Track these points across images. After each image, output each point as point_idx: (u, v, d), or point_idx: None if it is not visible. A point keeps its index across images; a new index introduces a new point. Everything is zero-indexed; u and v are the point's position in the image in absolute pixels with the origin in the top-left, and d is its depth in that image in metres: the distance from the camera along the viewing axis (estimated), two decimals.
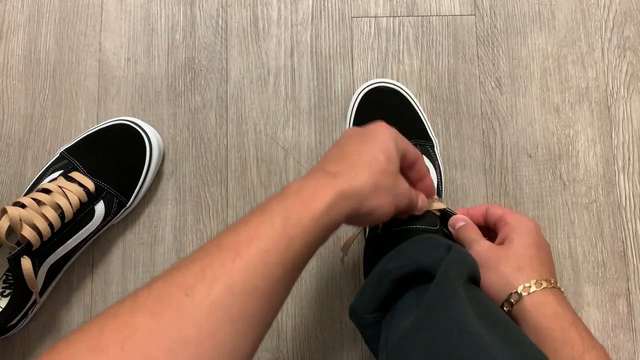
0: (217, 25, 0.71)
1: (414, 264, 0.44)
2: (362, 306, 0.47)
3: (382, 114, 0.63)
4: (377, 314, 0.46)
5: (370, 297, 0.46)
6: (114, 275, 0.66)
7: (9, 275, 0.61)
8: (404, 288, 0.45)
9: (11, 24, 0.71)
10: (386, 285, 0.45)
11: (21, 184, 0.67)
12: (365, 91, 0.65)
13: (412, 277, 0.44)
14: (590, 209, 0.67)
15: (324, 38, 0.71)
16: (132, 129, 0.64)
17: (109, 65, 0.70)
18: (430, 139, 0.65)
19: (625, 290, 0.65)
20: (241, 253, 0.33)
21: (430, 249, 0.46)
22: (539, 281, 0.45)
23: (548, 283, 0.45)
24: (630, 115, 0.69)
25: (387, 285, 0.45)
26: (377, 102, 0.65)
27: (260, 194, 0.67)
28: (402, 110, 0.65)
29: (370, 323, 0.46)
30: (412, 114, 0.66)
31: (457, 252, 0.45)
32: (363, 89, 0.66)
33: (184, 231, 0.67)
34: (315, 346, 0.64)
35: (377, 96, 0.65)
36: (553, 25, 0.71)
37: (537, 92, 0.70)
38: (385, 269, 0.46)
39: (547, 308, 0.44)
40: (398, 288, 0.45)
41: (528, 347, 0.39)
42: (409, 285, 0.45)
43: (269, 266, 0.34)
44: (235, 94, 0.70)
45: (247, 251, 0.34)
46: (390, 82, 0.66)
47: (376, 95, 0.65)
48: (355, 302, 0.48)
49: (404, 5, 0.71)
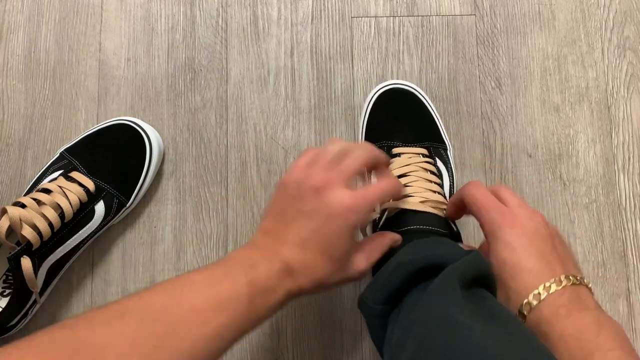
0: (217, 25, 0.71)
1: (428, 259, 0.43)
2: (371, 295, 0.46)
3: (396, 117, 0.63)
4: (385, 306, 0.45)
5: (381, 287, 0.45)
6: (114, 275, 0.66)
7: (9, 275, 0.61)
8: (414, 282, 0.44)
9: (11, 24, 0.71)
10: (399, 277, 0.44)
11: (21, 184, 0.67)
12: (380, 92, 0.64)
13: (425, 272, 0.43)
14: (590, 209, 0.67)
15: (324, 38, 0.71)
16: (132, 129, 0.64)
17: (109, 65, 0.70)
18: (443, 142, 0.64)
19: (625, 290, 0.65)
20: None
21: (449, 248, 0.45)
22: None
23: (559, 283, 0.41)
24: (630, 115, 0.69)
25: (400, 277, 0.44)
26: (392, 104, 0.64)
27: (260, 194, 0.67)
28: (417, 112, 0.65)
29: (377, 314, 0.45)
30: (426, 116, 0.65)
31: (475, 256, 0.43)
32: (377, 90, 0.65)
33: (184, 231, 0.67)
34: (315, 346, 0.64)
35: (392, 98, 0.64)
36: (553, 25, 0.71)
37: (537, 92, 0.70)
38: (402, 261, 0.45)
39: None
40: (410, 282, 0.44)
41: (529, 340, 0.37)
42: (420, 279, 0.44)
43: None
44: (235, 94, 0.70)
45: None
46: (405, 84, 0.65)
47: (391, 97, 0.64)
48: (365, 292, 0.47)
49: (404, 5, 0.71)
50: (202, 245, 0.66)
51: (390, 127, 0.62)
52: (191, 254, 0.66)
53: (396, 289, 0.44)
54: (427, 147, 0.61)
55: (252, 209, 0.67)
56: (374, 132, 0.63)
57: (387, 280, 0.45)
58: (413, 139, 0.61)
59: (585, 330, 0.39)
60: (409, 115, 0.64)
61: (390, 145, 0.61)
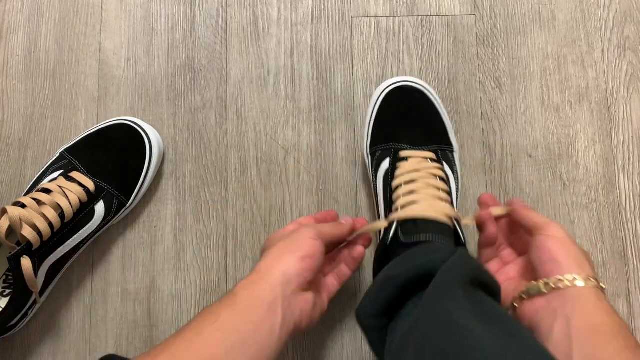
0: (217, 25, 0.71)
1: (415, 269, 0.44)
2: (363, 310, 0.47)
3: (405, 117, 0.62)
4: (381, 319, 0.46)
5: (372, 301, 0.46)
6: (114, 275, 0.66)
7: (9, 275, 0.61)
8: (408, 294, 0.45)
9: (11, 24, 0.71)
10: (388, 290, 0.45)
11: (21, 184, 0.67)
12: (389, 90, 0.63)
13: (416, 282, 0.44)
14: (590, 209, 0.67)
15: (324, 38, 0.71)
16: (132, 128, 0.64)
17: (109, 65, 0.70)
18: (451, 144, 0.62)
19: (625, 290, 0.65)
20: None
21: (433, 252, 0.46)
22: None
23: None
24: (630, 115, 0.69)
25: (389, 291, 0.45)
26: (401, 103, 0.63)
27: (260, 194, 0.67)
28: (425, 113, 0.63)
29: (372, 327, 0.46)
30: (435, 117, 0.63)
31: (461, 255, 0.45)
32: (386, 87, 0.63)
33: (184, 231, 0.67)
34: (315, 346, 0.64)
35: (401, 96, 0.63)
36: (553, 25, 0.71)
37: (537, 92, 0.70)
38: (387, 275, 0.46)
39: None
40: (402, 294, 0.45)
41: (529, 341, 0.38)
42: (414, 291, 0.45)
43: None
44: (235, 94, 0.70)
45: None
46: (415, 81, 0.63)
47: (400, 95, 0.63)
48: (358, 307, 0.48)
49: (404, 5, 0.71)
50: (202, 245, 0.66)
51: (398, 128, 0.61)
52: (191, 254, 0.66)
53: (388, 301, 0.45)
54: (434, 150, 0.60)
55: (252, 209, 0.67)
56: (381, 133, 0.62)
57: (377, 294, 0.46)
58: (421, 142, 0.60)
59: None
60: (418, 116, 0.62)
61: (397, 148, 0.60)
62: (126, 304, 0.65)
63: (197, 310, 0.65)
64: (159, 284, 0.65)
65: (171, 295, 0.65)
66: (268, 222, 0.67)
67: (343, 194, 0.67)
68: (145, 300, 0.65)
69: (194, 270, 0.66)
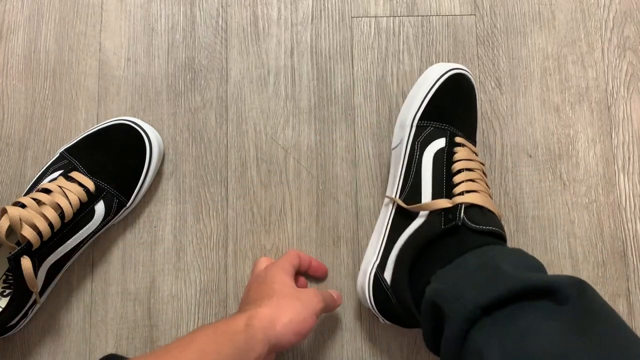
0: (217, 25, 0.71)
1: (544, 282, 0.42)
2: (471, 296, 0.43)
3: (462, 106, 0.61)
4: (483, 318, 0.42)
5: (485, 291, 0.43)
6: (114, 275, 0.66)
7: (9, 275, 0.61)
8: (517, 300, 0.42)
9: (11, 24, 0.71)
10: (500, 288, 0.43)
11: (21, 184, 0.67)
12: (455, 73, 0.61)
13: (534, 292, 0.42)
14: (590, 209, 0.67)
15: (324, 38, 0.71)
16: (132, 128, 0.64)
17: (109, 65, 0.70)
18: (475, 141, 0.62)
19: (625, 290, 0.65)
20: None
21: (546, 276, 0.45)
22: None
23: None
24: (630, 115, 0.69)
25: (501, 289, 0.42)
26: (461, 93, 0.62)
27: (260, 194, 0.67)
28: (475, 110, 0.63)
29: (471, 317, 0.42)
30: (476, 111, 0.63)
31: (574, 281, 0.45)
32: (451, 70, 0.61)
33: (184, 231, 0.67)
34: (315, 346, 0.64)
35: (466, 85, 0.62)
36: (553, 25, 0.71)
37: (537, 92, 0.70)
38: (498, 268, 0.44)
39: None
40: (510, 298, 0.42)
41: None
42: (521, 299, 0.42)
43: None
44: (235, 94, 0.70)
45: None
46: (470, 72, 0.63)
47: (465, 84, 0.62)
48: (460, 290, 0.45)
49: (404, 5, 0.71)
50: (202, 245, 0.66)
51: (457, 114, 0.60)
52: (191, 254, 0.66)
53: (500, 299, 0.42)
54: (471, 142, 0.61)
55: (252, 209, 0.67)
56: (438, 110, 0.60)
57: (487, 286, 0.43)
58: (471, 136, 0.61)
59: None
60: (473, 111, 0.62)
61: (453, 132, 0.59)
62: (126, 304, 0.65)
63: (197, 310, 0.65)
64: (159, 284, 0.65)
65: (171, 295, 0.65)
66: (268, 222, 0.67)
67: (343, 194, 0.67)
68: (145, 300, 0.65)
69: (194, 270, 0.66)
